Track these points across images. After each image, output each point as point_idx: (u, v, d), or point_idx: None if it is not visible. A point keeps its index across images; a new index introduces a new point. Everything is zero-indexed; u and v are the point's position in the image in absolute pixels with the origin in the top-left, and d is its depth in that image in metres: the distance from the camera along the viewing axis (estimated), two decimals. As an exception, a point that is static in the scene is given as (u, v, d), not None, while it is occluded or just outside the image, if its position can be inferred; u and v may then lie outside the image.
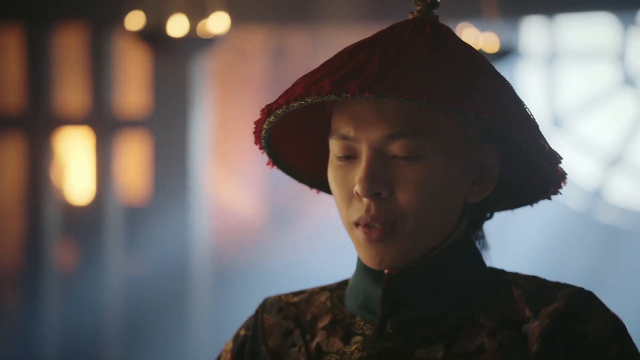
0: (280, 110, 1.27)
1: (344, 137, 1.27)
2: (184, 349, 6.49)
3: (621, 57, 6.86)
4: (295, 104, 1.24)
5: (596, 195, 6.91)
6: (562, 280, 1.32)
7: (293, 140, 1.42)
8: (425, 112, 1.25)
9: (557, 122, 7.01)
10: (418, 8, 1.32)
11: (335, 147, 1.29)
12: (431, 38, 1.27)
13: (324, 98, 1.21)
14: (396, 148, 1.25)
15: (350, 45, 1.29)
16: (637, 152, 6.89)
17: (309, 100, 1.23)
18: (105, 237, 6.57)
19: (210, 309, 6.63)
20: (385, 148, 1.25)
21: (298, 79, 1.27)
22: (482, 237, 1.37)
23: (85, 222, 6.62)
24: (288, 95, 1.25)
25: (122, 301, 6.56)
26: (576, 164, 6.93)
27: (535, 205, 1.43)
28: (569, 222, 6.63)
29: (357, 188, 1.25)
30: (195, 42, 4.82)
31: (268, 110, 1.29)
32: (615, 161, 6.94)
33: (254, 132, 1.35)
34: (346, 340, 1.32)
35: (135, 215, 6.64)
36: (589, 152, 6.95)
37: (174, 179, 6.60)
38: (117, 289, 6.55)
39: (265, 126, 1.32)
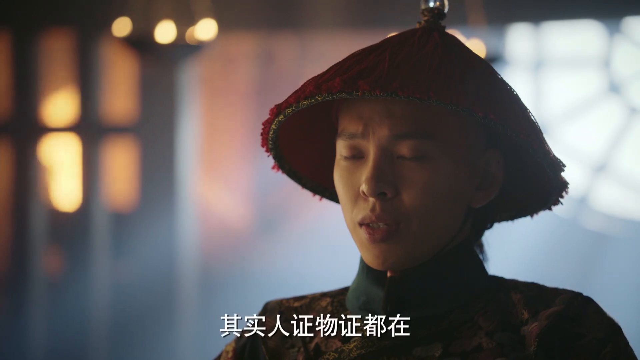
0: (290, 109, 1.27)
1: (352, 137, 1.28)
2: (171, 355, 6.47)
3: (607, 64, 6.88)
4: (306, 102, 1.25)
5: (582, 202, 6.93)
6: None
7: (298, 145, 1.42)
8: (433, 114, 1.26)
9: (543, 129, 7.02)
10: (425, 18, 1.34)
11: (342, 147, 1.29)
12: (440, 43, 1.29)
13: (335, 96, 1.22)
14: (403, 148, 1.26)
15: (359, 49, 1.30)
16: (622, 159, 6.92)
17: (320, 98, 1.23)
18: (93, 243, 6.55)
19: (198, 316, 6.62)
20: (392, 148, 1.26)
21: (308, 80, 1.28)
22: (482, 246, 1.39)
23: (72, 228, 6.60)
24: (298, 94, 1.26)
25: (110, 308, 6.54)
26: (562, 170, 6.93)
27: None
28: (554, 228, 6.63)
29: (363, 187, 1.26)
30: (182, 49, 4.81)
31: (277, 110, 1.29)
32: (601, 168, 6.97)
33: (262, 134, 1.35)
34: (345, 341, 1.33)
35: (122, 221, 6.62)
36: (575, 159, 6.97)
37: (161, 185, 6.59)
38: (105, 295, 6.53)
39: (274, 126, 1.32)
